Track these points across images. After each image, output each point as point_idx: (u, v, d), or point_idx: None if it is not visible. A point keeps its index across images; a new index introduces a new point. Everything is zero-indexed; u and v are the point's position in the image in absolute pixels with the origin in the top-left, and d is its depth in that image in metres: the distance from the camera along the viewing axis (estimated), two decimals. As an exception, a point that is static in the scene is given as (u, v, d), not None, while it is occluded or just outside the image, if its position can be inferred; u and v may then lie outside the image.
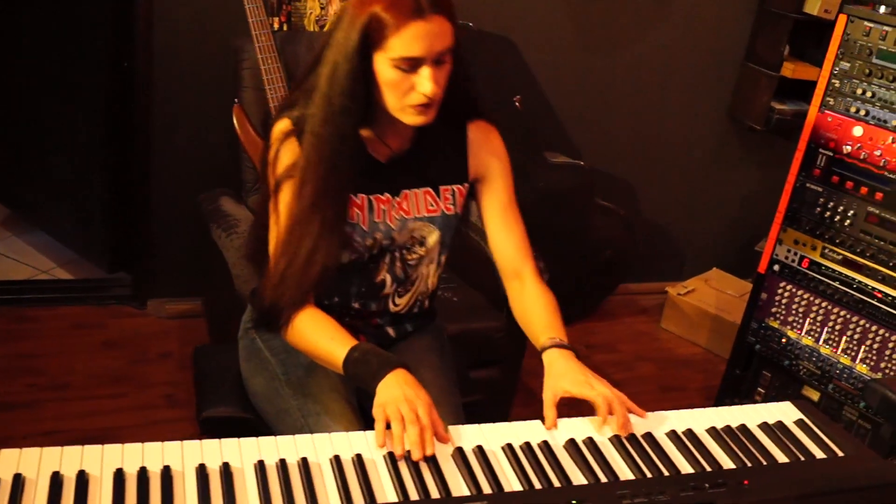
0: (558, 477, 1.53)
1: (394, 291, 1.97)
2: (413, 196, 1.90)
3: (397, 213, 1.88)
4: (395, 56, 1.66)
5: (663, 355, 3.89)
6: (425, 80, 1.68)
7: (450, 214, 1.94)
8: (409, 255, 1.94)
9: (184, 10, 3.19)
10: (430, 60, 1.67)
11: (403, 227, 1.90)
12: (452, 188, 1.94)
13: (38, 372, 3.13)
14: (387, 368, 1.67)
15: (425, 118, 1.74)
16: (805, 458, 1.70)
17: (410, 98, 1.71)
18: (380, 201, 1.87)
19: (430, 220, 1.92)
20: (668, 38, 3.88)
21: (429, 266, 1.99)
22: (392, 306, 2.00)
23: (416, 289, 2.01)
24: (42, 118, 3.82)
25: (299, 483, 1.44)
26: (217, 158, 3.34)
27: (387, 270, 1.94)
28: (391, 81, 1.70)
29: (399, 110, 1.74)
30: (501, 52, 3.60)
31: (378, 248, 1.89)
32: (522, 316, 1.96)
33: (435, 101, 1.73)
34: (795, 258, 3.01)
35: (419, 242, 1.94)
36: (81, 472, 1.39)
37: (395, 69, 1.68)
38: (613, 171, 4.04)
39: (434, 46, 1.66)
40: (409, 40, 1.64)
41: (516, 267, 1.98)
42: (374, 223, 1.86)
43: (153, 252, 3.54)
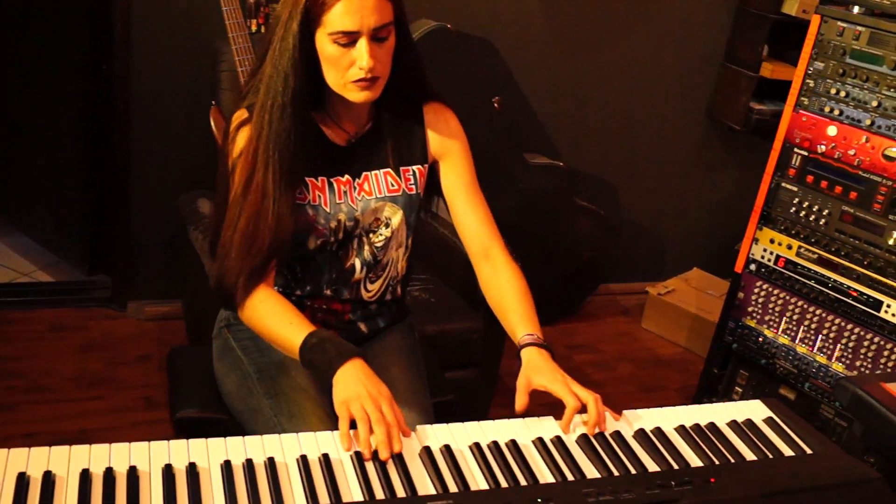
0: (525, 475, 1.54)
1: (365, 277, 1.99)
2: (373, 177, 1.93)
3: (359, 193, 1.91)
4: (332, 30, 1.70)
5: (644, 355, 3.91)
6: (362, 53, 1.71)
7: (411, 194, 1.97)
8: (376, 238, 1.96)
9: (161, 12, 3.20)
10: (367, 35, 1.71)
11: (366, 207, 1.92)
12: (412, 168, 1.97)
13: (17, 374, 3.13)
14: (343, 358, 1.68)
15: (368, 94, 1.76)
16: (773, 455, 1.71)
17: (350, 73, 1.74)
18: (340, 183, 1.90)
19: (392, 199, 1.95)
20: (648, 38, 3.90)
21: (397, 250, 2.01)
22: (364, 292, 2.01)
23: (387, 274, 2.02)
24: (20, 120, 3.81)
25: (265, 483, 1.44)
26: (195, 160, 3.34)
27: (356, 255, 1.96)
28: (331, 57, 1.73)
29: (342, 87, 1.77)
30: (481, 54, 3.61)
31: (343, 232, 1.91)
32: (496, 303, 1.97)
33: (377, 77, 1.76)
34: (771, 257, 3.03)
35: (384, 224, 1.96)
36: (48, 473, 1.39)
37: (333, 45, 1.72)
38: (594, 172, 4.05)
39: (368, 20, 1.69)
40: (342, 14, 1.68)
41: (484, 246, 1.99)
42: (335, 204, 1.89)
43: (132, 254, 3.54)
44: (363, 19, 1.69)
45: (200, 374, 2.14)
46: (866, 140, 2.76)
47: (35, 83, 3.69)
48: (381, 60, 1.75)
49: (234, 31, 2.89)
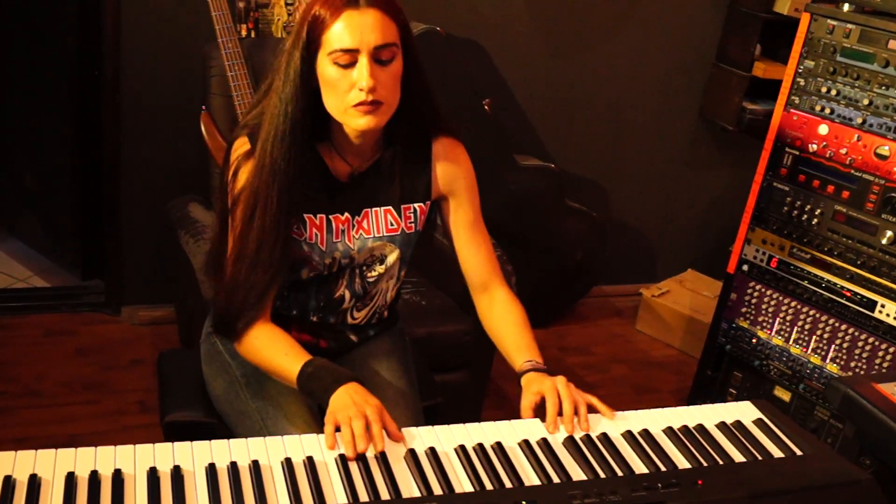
0: (510, 477, 1.53)
1: (352, 306, 1.98)
2: (373, 215, 1.89)
3: (357, 232, 1.88)
4: (332, 49, 1.66)
5: (637, 357, 3.90)
6: (362, 72, 1.66)
7: (410, 233, 1.93)
8: (369, 273, 1.94)
9: (151, 17, 3.20)
10: (368, 54, 1.66)
11: (363, 246, 1.89)
12: (414, 206, 1.92)
13: (10, 379, 3.13)
14: (338, 383, 1.68)
15: (370, 119, 1.70)
16: (762, 457, 1.70)
17: (351, 97, 1.68)
18: (339, 221, 1.86)
19: (390, 238, 1.91)
20: (638, 39, 3.90)
21: (388, 281, 2.00)
22: (350, 319, 2.01)
23: (375, 303, 2.01)
24: (12, 126, 3.82)
25: (249, 486, 1.44)
26: (185, 165, 3.34)
27: (346, 286, 1.94)
28: (331, 80, 1.69)
29: (342, 112, 1.71)
30: (470, 56, 3.61)
31: (337, 266, 1.90)
32: (494, 332, 1.97)
33: (380, 102, 1.69)
34: (764, 258, 3.03)
35: (379, 261, 1.93)
36: (33, 476, 1.39)
37: (333, 66, 1.67)
38: (585, 174, 4.05)
39: (368, 38, 1.65)
40: (341, 31, 1.65)
41: (484, 280, 1.99)
42: (332, 243, 1.86)
43: (125, 259, 3.54)
44: (363, 36, 1.65)
45: (190, 377, 2.14)
46: (858, 139, 2.76)
47: (25, 89, 3.70)
48: (385, 84, 1.69)
49: (223, 36, 2.89)
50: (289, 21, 3.24)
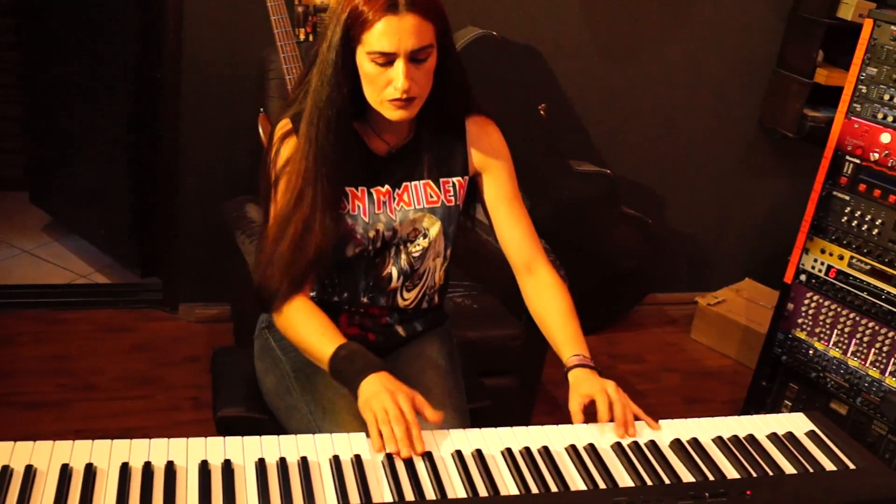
0: (556, 482, 1.53)
1: (401, 285, 2.00)
2: (413, 188, 1.94)
3: (398, 204, 1.93)
4: (370, 50, 1.71)
5: (691, 366, 3.86)
6: (398, 74, 1.72)
7: (450, 206, 1.97)
8: (413, 248, 1.97)
9: (211, 21, 3.25)
10: (405, 57, 1.71)
11: (405, 217, 1.93)
12: (452, 180, 1.97)
13: (68, 372, 3.20)
14: (369, 370, 1.70)
15: (404, 113, 1.78)
16: (813, 469, 1.68)
17: (386, 93, 1.75)
18: (380, 193, 1.91)
19: (430, 210, 1.95)
20: (697, 44, 3.87)
21: (435, 260, 2.02)
22: (400, 300, 2.02)
23: (424, 283, 2.03)
24: (75, 127, 3.90)
25: (297, 481, 1.46)
26: (242, 166, 3.39)
27: (392, 264, 1.97)
28: (369, 75, 1.75)
29: (378, 104, 1.79)
30: (526, 61, 3.61)
31: (381, 241, 1.93)
32: (541, 319, 1.98)
33: (413, 98, 1.76)
34: (822, 268, 2.98)
35: (422, 234, 1.97)
36: (89, 465, 1.43)
37: (371, 63, 1.73)
38: (641, 180, 4.03)
39: (406, 43, 1.70)
40: (380, 35, 1.70)
41: (527, 259, 2.00)
42: (374, 214, 1.90)
43: (182, 258, 3.60)
44: (401, 41, 1.70)
45: (243, 374, 2.17)
46: (920, 149, 2.71)
47: (88, 92, 3.78)
48: (419, 82, 1.76)
49: (282, 39, 2.93)
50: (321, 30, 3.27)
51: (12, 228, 4.23)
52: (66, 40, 3.79)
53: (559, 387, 3.48)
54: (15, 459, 1.42)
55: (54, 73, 3.91)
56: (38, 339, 3.38)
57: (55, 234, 4.21)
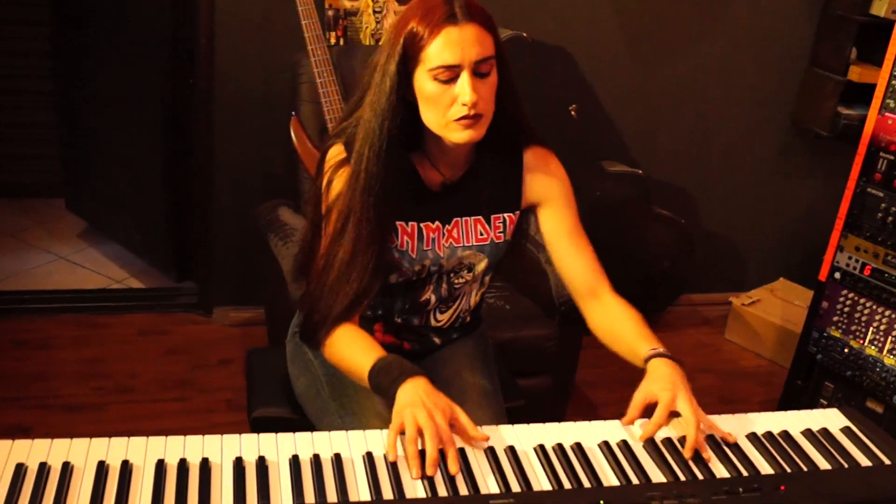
0: (589, 477, 1.53)
1: (435, 308, 1.99)
2: (463, 224, 1.89)
3: (447, 241, 1.89)
4: (433, 66, 1.66)
5: (726, 367, 3.84)
6: (465, 87, 1.66)
7: (499, 242, 1.93)
8: (456, 279, 1.95)
9: (243, 26, 3.28)
10: (469, 69, 1.66)
11: (452, 255, 1.90)
12: (503, 216, 1.92)
13: (105, 375, 3.24)
14: (406, 376, 1.65)
15: (472, 133, 1.71)
16: (848, 465, 1.66)
17: (452, 112, 1.69)
18: (429, 229, 1.87)
19: (479, 248, 1.92)
20: (729, 43, 3.85)
21: (472, 286, 2.00)
22: (433, 321, 2.02)
23: (458, 306, 2.02)
24: (110, 134, 3.95)
25: (331, 477, 1.47)
26: (274, 170, 3.42)
27: (432, 291, 1.96)
28: (431, 95, 1.69)
29: (443, 127, 1.72)
30: (557, 62, 3.61)
31: (426, 273, 1.91)
32: (610, 333, 1.91)
33: (480, 115, 1.70)
34: (857, 265, 2.95)
35: (467, 269, 1.94)
36: (125, 462, 1.45)
37: (434, 81, 1.67)
38: (673, 180, 4.01)
39: (469, 53, 1.65)
40: (442, 47, 1.65)
41: (591, 286, 1.93)
42: (422, 251, 1.87)
43: (217, 262, 3.63)
44: (464, 51, 1.65)
45: (277, 375, 2.19)
46: (955, 144, 2.68)
47: (121, 97, 3.82)
48: (484, 97, 1.69)
49: (313, 43, 2.95)
50: (377, 28, 3.29)
51: (49, 235, 4.30)
52: (99, 47, 3.84)
53: (592, 388, 3.48)
54: (52, 457, 1.45)
55: (88, 80, 3.97)
56: (75, 342, 3.43)
57: (91, 239, 4.27)
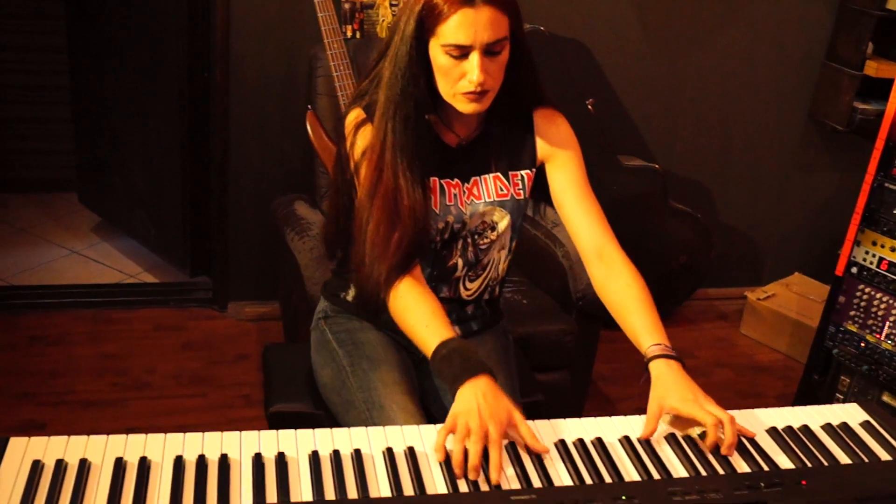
0: (610, 473, 1.53)
1: (464, 275, 2.00)
2: (483, 181, 1.94)
3: (468, 197, 1.93)
4: (445, 42, 1.71)
5: (742, 361, 3.83)
6: (473, 67, 1.71)
7: (519, 199, 1.97)
8: (481, 240, 1.97)
9: (259, 19, 3.28)
10: (480, 49, 1.70)
11: (475, 211, 1.93)
12: (521, 173, 1.96)
13: (122, 371, 3.25)
14: (468, 374, 1.63)
15: (476, 106, 1.77)
16: (869, 459, 1.66)
17: (460, 85, 1.75)
18: (450, 186, 1.91)
19: (500, 204, 1.95)
20: (745, 38, 3.83)
21: (500, 251, 2.01)
22: (463, 290, 2.02)
23: (487, 274, 2.03)
24: (124, 128, 3.96)
25: (351, 473, 1.46)
26: (291, 165, 3.42)
27: (459, 255, 1.97)
28: (443, 68, 1.74)
29: (451, 97, 1.78)
30: (574, 56, 3.60)
31: (449, 232, 1.93)
32: (615, 306, 1.90)
33: (487, 91, 1.75)
34: (874, 260, 2.93)
35: (490, 227, 1.96)
36: (143, 459, 1.44)
37: (446, 55, 1.72)
38: (690, 175, 3.99)
39: (482, 36, 1.69)
40: (456, 27, 1.69)
41: (598, 245, 1.93)
42: (445, 206, 1.90)
43: (232, 257, 3.63)
44: (477, 34, 1.69)
45: (295, 370, 2.20)
46: (975, 138, 2.66)
47: (137, 92, 3.83)
48: (493, 74, 1.75)
49: (329, 37, 2.95)
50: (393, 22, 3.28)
51: (62, 229, 4.31)
52: (114, 42, 3.85)
53: (609, 383, 3.47)
54: (69, 454, 1.44)
55: (103, 75, 3.97)
56: (92, 338, 3.43)
57: (104, 234, 4.28)
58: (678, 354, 1.79)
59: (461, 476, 1.48)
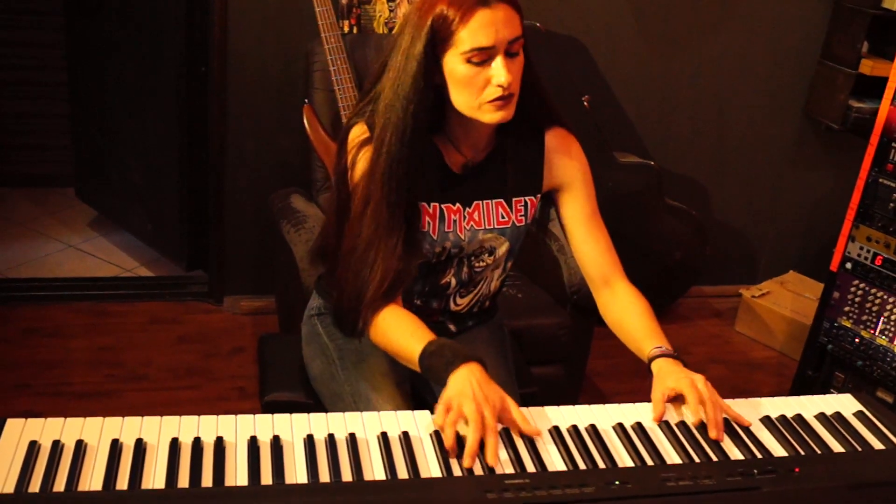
0: (603, 458, 1.53)
1: (455, 292, 1.99)
2: (484, 207, 1.89)
3: (468, 223, 1.88)
4: (466, 49, 1.64)
5: (736, 358, 3.84)
6: (500, 69, 1.65)
7: (520, 226, 1.93)
8: (477, 263, 1.95)
9: (257, 14, 3.29)
10: (502, 50, 1.65)
11: (473, 237, 1.90)
12: (525, 199, 1.92)
13: (117, 363, 3.25)
14: (459, 360, 1.62)
15: (504, 113, 1.71)
16: (862, 448, 1.66)
17: (486, 94, 1.68)
18: (451, 211, 1.86)
19: (500, 231, 1.91)
20: (741, 36, 3.84)
21: (494, 271, 2.00)
22: (453, 305, 2.01)
23: (479, 291, 2.02)
24: (121, 122, 3.96)
25: (346, 456, 1.47)
26: (287, 160, 3.43)
27: (453, 274, 1.95)
28: (464, 78, 1.68)
29: (476, 109, 1.71)
30: (570, 53, 3.61)
31: (446, 256, 1.90)
32: (618, 323, 1.92)
33: (512, 95, 1.70)
34: (868, 255, 2.95)
35: (488, 252, 1.93)
36: (139, 441, 1.45)
37: (467, 64, 1.66)
38: (686, 172, 4.01)
39: (503, 34, 1.64)
40: (476, 29, 1.63)
41: (605, 274, 1.93)
42: (443, 233, 1.87)
43: (228, 251, 3.64)
44: (498, 33, 1.64)
45: (289, 360, 2.20)
46: (969, 134, 2.67)
47: (134, 88, 3.83)
48: (516, 77, 1.69)
49: (326, 31, 2.95)
50: (390, 17, 3.29)
51: (59, 224, 4.31)
52: (112, 37, 3.85)
53: (604, 379, 3.48)
54: (65, 435, 1.45)
55: (102, 70, 3.97)
56: (87, 330, 3.44)
57: (101, 229, 4.28)
58: (679, 355, 1.81)
59: (454, 456, 1.49)
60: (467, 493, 1.39)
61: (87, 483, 1.35)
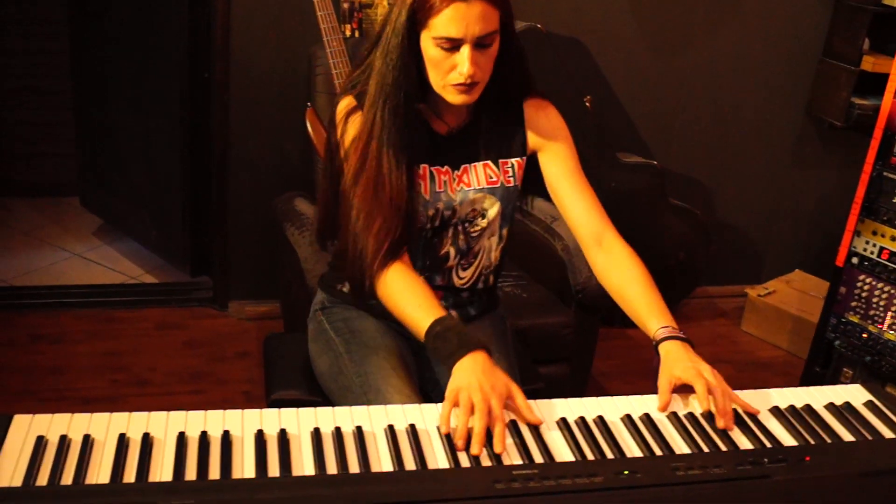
0: (612, 449, 1.53)
1: (457, 264, 2.01)
2: (473, 169, 1.95)
3: (458, 184, 1.94)
4: (437, 35, 1.72)
5: (743, 357, 3.82)
6: (464, 60, 1.73)
7: (509, 186, 1.97)
8: (472, 228, 1.98)
9: (259, 18, 3.29)
10: (470, 43, 1.72)
11: (465, 198, 1.94)
12: (511, 161, 1.97)
13: (122, 369, 3.25)
14: (465, 349, 1.64)
15: (466, 97, 1.79)
16: (872, 437, 1.66)
17: (451, 77, 1.77)
18: (440, 173, 1.92)
19: (490, 191, 1.96)
20: (743, 34, 3.84)
21: (490, 238, 2.02)
22: (456, 279, 2.03)
23: (480, 262, 2.03)
24: (125, 130, 3.97)
25: (353, 449, 1.46)
26: (291, 164, 3.43)
27: (450, 244, 1.98)
28: (433, 59, 1.76)
29: (441, 88, 1.80)
30: (571, 53, 3.61)
31: (440, 220, 1.94)
32: (618, 291, 1.92)
33: (476, 83, 1.77)
34: (874, 250, 2.94)
35: (480, 214, 1.97)
36: (146, 435, 1.45)
37: (437, 48, 1.74)
38: (689, 172, 4.00)
39: (473, 29, 1.71)
40: (448, 21, 1.70)
41: (595, 231, 1.95)
42: (435, 193, 1.91)
43: (232, 257, 3.64)
44: (468, 27, 1.71)
45: (295, 359, 2.20)
46: (973, 127, 2.66)
47: (138, 93, 3.84)
48: (482, 67, 1.77)
49: (328, 35, 2.95)
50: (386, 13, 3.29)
51: (63, 232, 4.31)
52: (116, 44, 3.86)
53: (608, 379, 3.47)
54: (73, 430, 1.46)
55: (105, 77, 3.98)
56: (92, 336, 3.44)
57: (105, 237, 4.28)
58: (688, 336, 1.81)
59: (462, 448, 1.48)
60: (476, 483, 1.38)
61: (94, 476, 1.35)
